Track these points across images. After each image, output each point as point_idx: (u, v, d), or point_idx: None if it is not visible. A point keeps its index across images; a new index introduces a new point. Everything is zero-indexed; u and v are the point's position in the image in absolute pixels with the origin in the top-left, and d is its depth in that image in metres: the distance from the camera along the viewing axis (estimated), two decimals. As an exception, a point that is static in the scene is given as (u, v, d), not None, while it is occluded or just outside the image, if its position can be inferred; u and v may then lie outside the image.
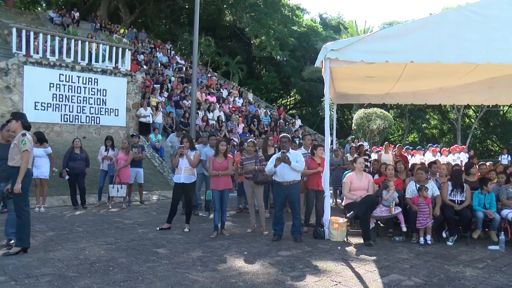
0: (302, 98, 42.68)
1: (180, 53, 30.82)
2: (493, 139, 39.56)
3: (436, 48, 7.42)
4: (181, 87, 21.58)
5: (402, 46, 7.55)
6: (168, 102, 19.56)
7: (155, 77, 21.70)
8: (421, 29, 7.58)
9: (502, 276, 5.80)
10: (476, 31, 7.39)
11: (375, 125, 24.43)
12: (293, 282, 5.25)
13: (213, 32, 36.38)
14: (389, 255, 6.69)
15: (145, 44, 26.81)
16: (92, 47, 16.68)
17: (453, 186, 8.05)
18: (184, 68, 25.45)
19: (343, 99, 13.71)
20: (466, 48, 7.39)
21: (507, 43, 7.30)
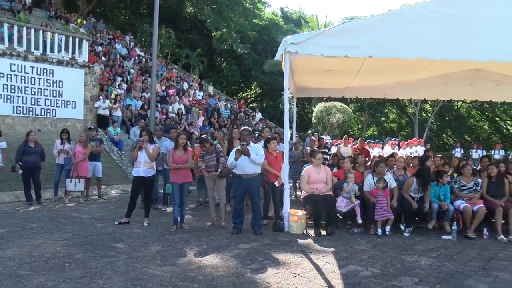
0: (262, 91, 42.71)
1: (140, 45, 30.24)
2: (448, 133, 40.78)
3: (394, 43, 7.57)
4: (141, 79, 21.24)
5: (361, 41, 7.65)
6: (128, 95, 19.20)
7: (114, 69, 21.25)
8: (380, 24, 7.71)
9: (453, 264, 6.05)
10: (432, 28, 7.58)
11: (335, 118, 24.75)
12: (253, 274, 5.27)
13: (173, 24, 35.85)
14: (348, 247, 6.82)
15: (103, 35, 26.12)
16: (47, 36, 16.00)
17: (418, 185, 8.11)
18: (144, 60, 25.03)
19: (303, 93, 13.80)
20: (423, 44, 7.58)
21: (461, 41, 7.52)
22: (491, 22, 7.55)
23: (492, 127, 40.50)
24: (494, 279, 5.46)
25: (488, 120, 40.02)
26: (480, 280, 5.39)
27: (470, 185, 8.33)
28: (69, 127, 13.15)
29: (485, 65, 10.03)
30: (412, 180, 8.19)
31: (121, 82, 20.11)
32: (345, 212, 8.05)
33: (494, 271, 5.78)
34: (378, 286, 4.97)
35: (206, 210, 9.54)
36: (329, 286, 4.95)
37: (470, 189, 8.30)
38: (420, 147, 17.36)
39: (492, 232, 7.98)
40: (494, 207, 7.92)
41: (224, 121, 21.40)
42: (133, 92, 19.58)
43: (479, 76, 11.58)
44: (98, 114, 16.83)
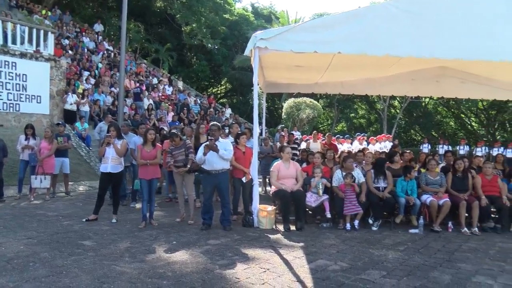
0: (232, 87, 42.64)
1: (108, 39, 29.65)
2: (416, 129, 41.58)
3: (363, 40, 7.65)
4: (109, 74, 20.90)
5: (331, 37, 7.70)
6: (96, 90, 18.84)
7: (82, 63, 20.83)
8: (349, 21, 7.77)
9: (419, 257, 6.17)
10: (399, 25, 7.69)
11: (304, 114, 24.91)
12: (222, 270, 5.26)
13: (142, 17, 35.23)
14: (317, 241, 6.87)
15: (70, 28, 25.47)
16: (8, 27, 15.43)
17: (375, 174, 8.41)
18: (113, 55, 24.61)
19: (273, 88, 13.82)
20: (390, 41, 7.68)
21: (427, 39, 7.66)
22: (456, 20, 7.72)
23: (458, 123, 41.51)
24: (457, 270, 5.61)
25: (454, 116, 41.00)
26: (445, 271, 5.52)
27: (436, 180, 8.52)
28: (34, 122, 12.81)
29: (451, 63, 10.25)
30: (371, 173, 8.38)
31: (89, 76, 19.71)
32: (315, 207, 8.12)
33: (458, 263, 5.94)
34: (346, 280, 5.02)
35: (175, 206, 9.48)
36: (298, 281, 4.98)
37: (436, 183, 8.48)
38: (388, 142, 17.64)
39: (457, 225, 8.19)
40: (459, 201, 8.12)
41: (193, 117, 21.27)
42: (101, 87, 19.24)
43: (445, 73, 11.82)
44: (65, 109, 16.47)
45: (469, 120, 40.88)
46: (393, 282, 5.01)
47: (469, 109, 37.93)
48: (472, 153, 20.73)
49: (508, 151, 19.99)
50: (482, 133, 38.28)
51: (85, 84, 18.62)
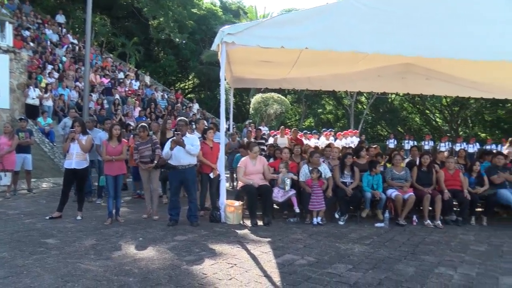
0: (200, 82, 42.33)
1: (73, 32, 28.87)
2: (382, 124, 42.27)
3: (330, 36, 7.70)
4: (74, 68, 20.45)
5: (298, 33, 7.71)
6: (60, 84, 18.38)
7: (45, 56, 20.28)
8: (316, 17, 7.80)
9: (385, 250, 6.29)
10: (366, 22, 7.77)
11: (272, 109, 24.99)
12: (189, 266, 5.24)
13: (109, 10, 34.39)
14: (284, 236, 6.91)
15: (30, 19, 24.50)
16: (-42, 15, 14.82)
17: (340, 169, 8.50)
18: (77, 48, 24.05)
19: (240, 83, 13.79)
20: (357, 38, 7.75)
21: (393, 36, 7.77)
22: (420, 18, 7.85)
23: (423, 119, 42.45)
24: (421, 262, 5.74)
25: (419, 112, 41.91)
26: (409, 264, 5.64)
27: (401, 175, 8.67)
28: (-6, 117, 12.42)
29: (415, 59, 10.40)
30: (338, 168, 8.51)
31: (52, 70, 19.21)
32: (282, 202, 8.16)
33: (421, 255, 6.08)
34: (313, 274, 5.07)
35: (142, 202, 9.37)
36: (265, 276, 4.99)
37: (401, 178, 8.63)
38: (355, 138, 17.88)
39: (421, 219, 8.36)
40: (423, 195, 8.30)
41: (161, 112, 21.04)
42: (65, 81, 18.79)
43: (410, 70, 12.03)
44: (27, 104, 15.98)
45: (434, 116, 41.90)
46: (359, 275, 5.09)
47: (434, 105, 38.85)
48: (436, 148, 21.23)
49: (469, 147, 20.59)
50: (446, 129, 39.26)
51: (48, 78, 18.14)
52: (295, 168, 8.73)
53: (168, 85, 34.33)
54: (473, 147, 21.11)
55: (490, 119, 37.74)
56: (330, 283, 4.79)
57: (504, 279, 5.21)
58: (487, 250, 6.60)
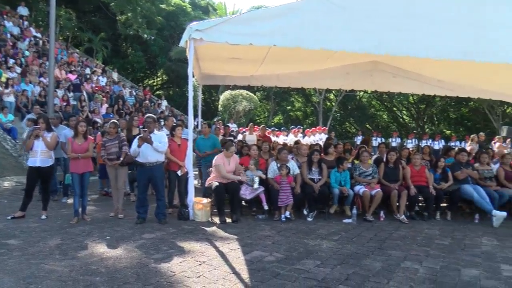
0: (169, 78, 41.92)
1: (36, 25, 27.94)
2: (351, 121, 42.82)
3: (298, 33, 7.71)
4: (38, 62, 19.93)
5: (266, 30, 7.70)
6: (22, 79, 17.86)
7: (5, 50, 19.64)
8: (285, 14, 7.80)
9: (352, 246, 6.38)
10: (334, 20, 7.82)
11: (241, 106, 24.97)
12: (157, 264, 5.19)
13: (74, 4, 33.35)
14: (252, 233, 6.92)
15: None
16: None
17: (308, 166, 8.57)
18: (41, 42, 23.42)
19: (209, 80, 13.70)
20: (325, 35, 7.78)
21: (360, 33, 7.85)
22: (387, 16, 7.95)
23: (390, 117, 43.21)
24: (388, 257, 5.85)
25: (387, 109, 42.63)
26: (376, 259, 5.74)
27: (368, 171, 8.79)
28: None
29: (382, 58, 10.58)
30: (306, 165, 8.58)
31: (14, 64, 18.61)
32: (249, 199, 8.16)
33: (388, 250, 6.19)
34: (281, 270, 5.09)
35: (109, 200, 9.21)
36: (233, 273, 5.00)
37: (369, 174, 8.76)
38: (323, 135, 18.02)
39: (388, 214, 8.51)
40: (390, 191, 8.43)
41: (128, 109, 20.72)
42: (28, 76, 18.26)
43: (377, 68, 12.20)
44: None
45: (401, 114, 42.69)
46: (327, 271, 5.14)
47: (401, 103, 39.57)
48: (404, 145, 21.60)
49: (435, 143, 21.01)
50: (413, 126, 40.08)
51: (9, 72, 17.58)
52: (263, 165, 8.74)
53: (136, 82, 33.90)
54: (439, 144, 21.55)
55: (454, 116, 38.74)
56: (299, 279, 4.82)
57: (466, 271, 5.39)
58: (450, 244, 6.77)
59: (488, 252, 6.36)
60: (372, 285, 4.74)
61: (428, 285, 4.85)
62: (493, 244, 6.87)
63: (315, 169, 8.55)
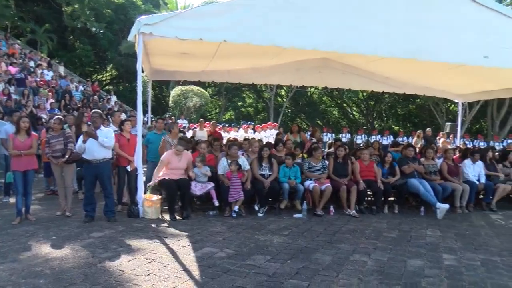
0: (119, 73, 41.06)
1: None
2: (302, 117, 43.31)
3: (248, 29, 7.69)
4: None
5: (217, 25, 7.62)
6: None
7: None
8: (235, 9, 7.75)
9: (303, 240, 6.46)
10: (284, 16, 7.84)
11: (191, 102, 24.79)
12: (105, 263, 5.08)
13: (12, -8, 31.94)
14: (203, 230, 6.87)
15: None
16: None
17: (258, 161, 8.60)
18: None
19: (159, 76, 13.46)
20: (274, 31, 7.79)
21: (309, 30, 7.92)
22: (337, 13, 8.07)
23: (341, 113, 44.06)
24: (337, 250, 5.97)
25: (337, 106, 43.47)
26: (326, 253, 5.84)
27: (318, 166, 8.91)
28: None
29: (332, 54, 10.72)
30: (256, 161, 8.62)
31: None
32: (200, 195, 8.10)
33: (338, 244, 6.31)
34: (232, 266, 5.09)
35: (55, 199, 8.84)
36: (184, 270, 4.96)
37: (318, 169, 8.88)
38: (274, 130, 18.14)
39: (338, 209, 8.66)
40: (339, 186, 8.58)
41: (76, 104, 20.11)
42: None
43: (327, 64, 12.33)
44: None
45: (351, 110, 43.59)
46: (277, 266, 5.18)
47: (351, 99, 40.45)
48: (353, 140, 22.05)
49: (384, 139, 21.55)
50: (362, 122, 41.00)
51: None
52: (213, 161, 8.70)
53: (84, 76, 32.93)
54: (387, 139, 22.12)
55: (402, 113, 39.95)
56: (249, 275, 4.84)
57: (411, 262, 5.60)
58: (397, 236, 6.98)
59: (432, 243, 6.62)
60: (322, 279, 4.82)
61: (376, 276, 4.98)
62: (436, 235, 7.16)
63: (265, 165, 8.59)
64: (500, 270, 5.42)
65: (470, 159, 9.87)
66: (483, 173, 9.81)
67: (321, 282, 4.72)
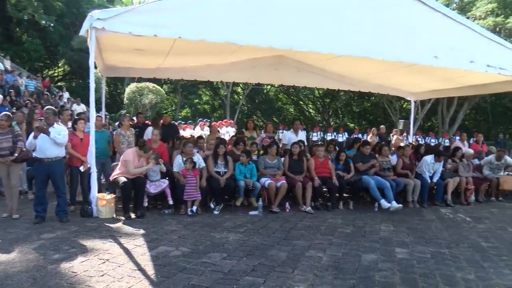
0: (72, 69, 39.87)
1: None
2: (258, 114, 43.45)
3: (203, 26, 7.62)
4: None
5: (171, 21, 7.52)
6: None
7: None
8: (190, 6, 7.67)
9: (258, 237, 6.49)
10: (239, 13, 7.83)
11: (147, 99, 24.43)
12: (57, 265, 4.92)
13: None
14: (158, 228, 6.80)
15: None
16: None
17: (213, 159, 8.59)
18: None
19: (113, 72, 13.14)
20: (230, 28, 7.76)
21: (265, 27, 7.94)
22: (292, 11, 8.12)
23: (297, 110, 44.45)
24: (293, 247, 6.02)
25: (293, 103, 43.84)
26: (281, 249, 5.88)
27: (273, 163, 8.97)
28: None
29: (287, 52, 10.78)
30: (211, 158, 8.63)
31: None
32: (154, 194, 8.01)
33: (293, 240, 6.38)
34: (188, 265, 5.06)
35: (3, 200, 8.49)
36: (139, 269, 4.89)
37: (274, 167, 8.94)
38: (230, 128, 18.13)
39: (293, 205, 8.75)
40: (295, 183, 8.67)
41: (25, 101, 19.38)
42: None
43: (282, 62, 12.41)
44: None
45: (307, 107, 44.07)
46: (233, 263, 5.19)
47: (307, 96, 40.87)
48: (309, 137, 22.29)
49: (339, 136, 21.94)
50: (318, 119, 41.53)
51: None
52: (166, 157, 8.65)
53: (34, 72, 31.62)
54: (342, 136, 22.54)
55: (357, 110, 40.72)
56: (205, 273, 4.82)
57: (365, 256, 5.73)
58: (352, 232, 7.12)
59: (385, 238, 6.80)
60: (278, 275, 4.85)
61: (331, 271, 5.06)
62: (390, 230, 7.35)
63: (220, 162, 8.57)
64: (448, 262, 5.64)
65: (434, 157, 10.02)
66: (439, 172, 10.05)
67: (277, 278, 4.75)
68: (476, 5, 25.62)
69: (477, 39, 9.35)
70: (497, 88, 11.83)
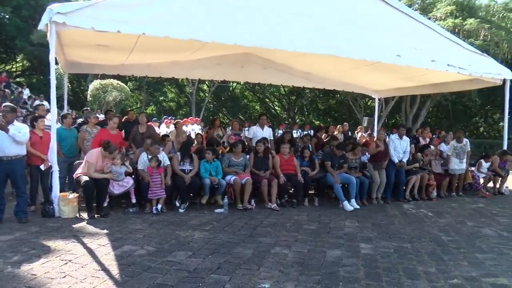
0: (31, 65, 38.64)
1: None
2: (224, 112, 43.36)
3: (167, 22, 7.55)
4: None
5: (135, 17, 7.41)
6: None
7: None
8: (154, 1, 7.61)
9: (224, 235, 6.48)
10: (204, 10, 7.81)
11: (111, 96, 24.02)
12: (15, 268, 4.76)
13: None
14: (122, 227, 6.70)
15: None
16: None
17: (181, 157, 8.52)
18: None
19: (76, 68, 12.85)
20: (195, 25, 7.72)
21: (230, 25, 7.94)
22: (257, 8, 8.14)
23: (263, 107, 44.53)
24: (258, 244, 6.04)
25: (260, 100, 43.93)
26: (247, 246, 5.89)
27: (239, 161, 8.96)
28: None
29: (253, 49, 10.80)
30: (177, 155, 8.58)
31: None
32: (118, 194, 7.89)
33: (259, 237, 6.39)
34: (153, 264, 5.00)
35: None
36: (103, 269, 4.80)
37: (239, 164, 8.93)
38: (196, 125, 18.03)
39: (259, 203, 8.78)
40: (260, 180, 8.69)
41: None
42: None
43: (248, 59, 12.42)
44: None
45: (273, 105, 44.25)
46: (199, 261, 5.16)
47: (273, 94, 41.02)
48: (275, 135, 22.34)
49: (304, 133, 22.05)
50: (284, 116, 41.75)
51: None
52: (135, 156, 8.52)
53: (-12, 66, 30.43)
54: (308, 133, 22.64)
55: (323, 108, 41.11)
56: (170, 271, 4.78)
57: (330, 252, 5.79)
58: (317, 228, 7.19)
59: (350, 234, 6.89)
60: (243, 272, 4.85)
61: (296, 268, 5.08)
62: (354, 226, 7.46)
63: (185, 160, 8.51)
64: (410, 256, 5.76)
65: (396, 134, 10.17)
66: (408, 149, 10.16)
67: (243, 275, 4.75)
68: (437, 7, 26.24)
69: (438, 39, 9.63)
70: (456, 86, 12.22)
